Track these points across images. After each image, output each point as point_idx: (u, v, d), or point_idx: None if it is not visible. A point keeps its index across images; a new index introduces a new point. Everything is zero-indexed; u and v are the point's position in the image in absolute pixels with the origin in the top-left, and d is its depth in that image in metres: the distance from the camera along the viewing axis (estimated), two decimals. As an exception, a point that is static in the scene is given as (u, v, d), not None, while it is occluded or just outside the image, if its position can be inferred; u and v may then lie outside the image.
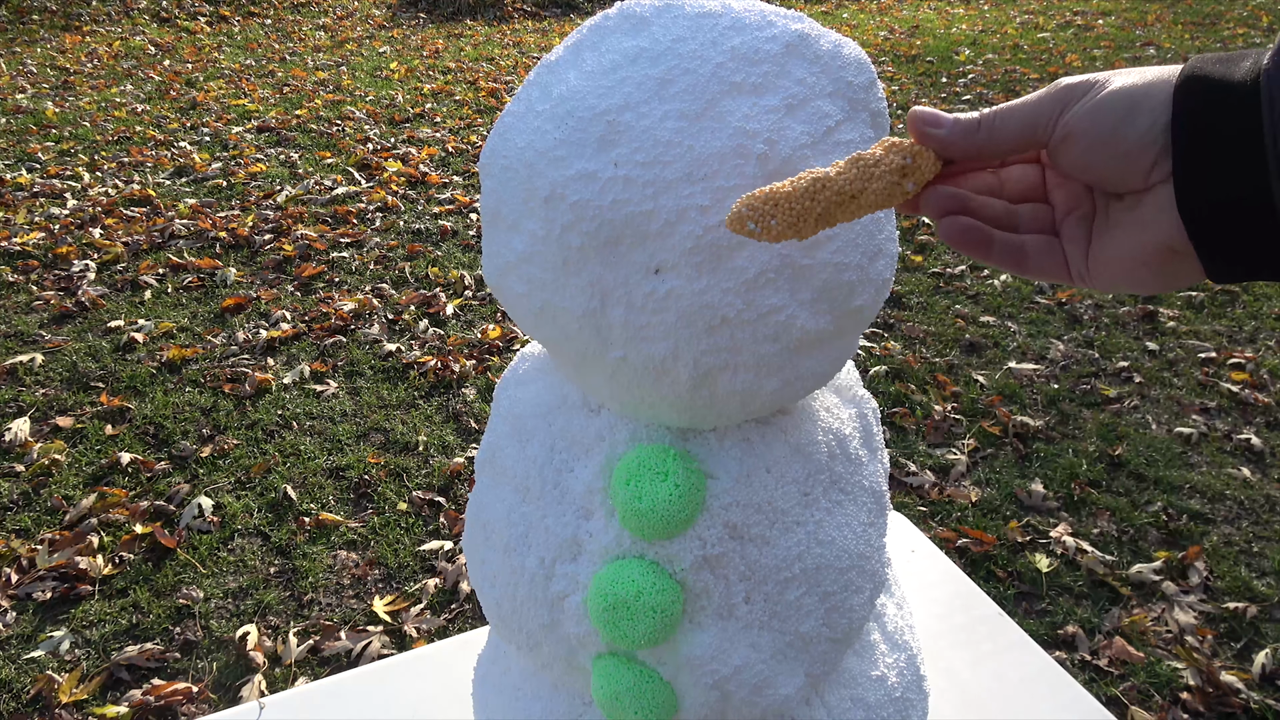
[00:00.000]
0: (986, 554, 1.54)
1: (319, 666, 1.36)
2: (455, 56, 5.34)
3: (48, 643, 1.38)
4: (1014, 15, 6.30)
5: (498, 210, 0.41)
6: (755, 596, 0.45)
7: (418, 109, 4.21)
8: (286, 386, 2.05)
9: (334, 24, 6.33)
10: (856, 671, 0.53)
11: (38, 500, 1.69)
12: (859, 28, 6.00)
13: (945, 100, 4.25)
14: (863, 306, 0.40)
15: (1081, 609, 1.43)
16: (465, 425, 1.92)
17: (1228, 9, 6.23)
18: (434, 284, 2.55)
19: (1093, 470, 1.75)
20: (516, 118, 0.40)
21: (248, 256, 2.72)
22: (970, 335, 2.25)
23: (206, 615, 1.44)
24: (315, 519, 1.64)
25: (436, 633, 1.42)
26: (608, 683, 0.46)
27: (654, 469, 0.43)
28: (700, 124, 0.36)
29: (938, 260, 2.66)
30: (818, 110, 0.38)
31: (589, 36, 0.40)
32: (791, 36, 0.38)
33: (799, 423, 0.47)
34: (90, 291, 2.43)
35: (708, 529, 0.44)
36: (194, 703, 1.29)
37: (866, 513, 0.49)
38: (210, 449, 1.83)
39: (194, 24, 6.05)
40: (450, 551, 1.57)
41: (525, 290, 0.41)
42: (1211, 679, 1.28)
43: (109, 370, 2.11)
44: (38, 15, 5.86)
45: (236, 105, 4.22)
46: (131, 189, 3.18)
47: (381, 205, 3.08)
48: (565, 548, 0.46)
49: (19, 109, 4.06)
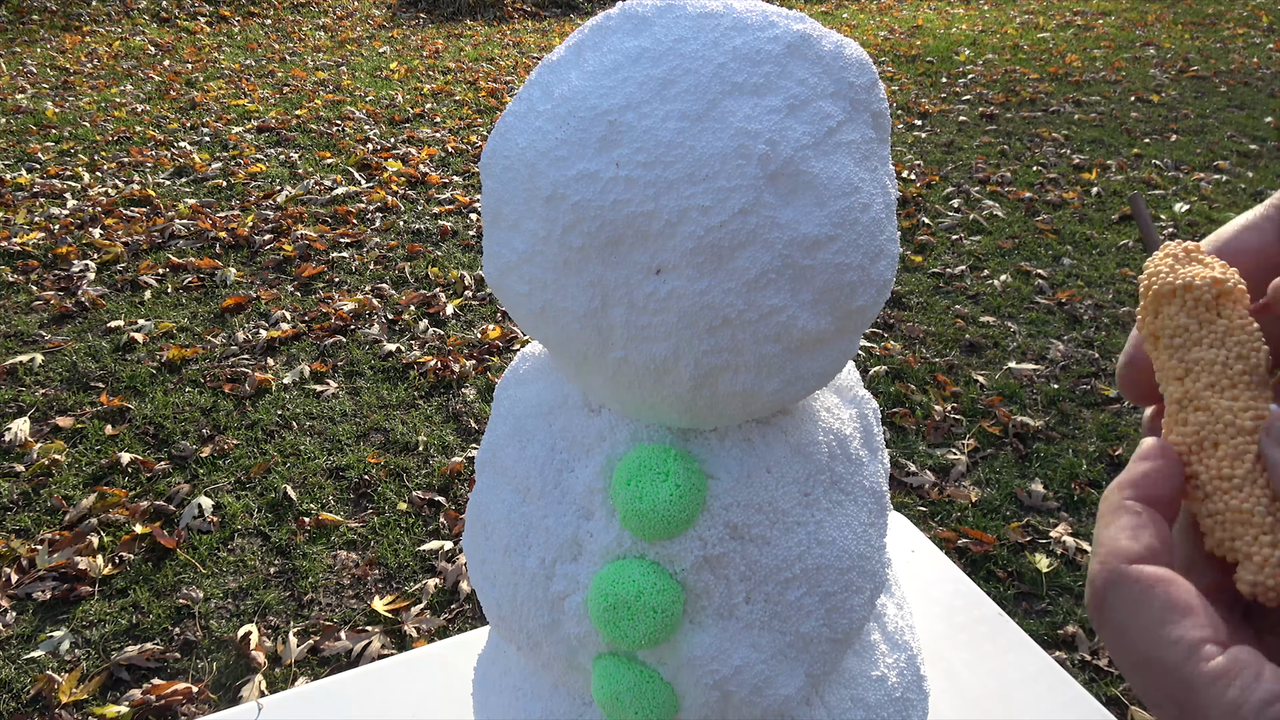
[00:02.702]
0: (986, 554, 1.54)
1: (319, 666, 1.36)
2: (455, 56, 5.34)
3: (48, 643, 1.38)
4: (1014, 15, 6.30)
5: (499, 210, 0.41)
6: (756, 597, 0.45)
7: (418, 109, 4.21)
8: (286, 386, 2.05)
9: (334, 24, 6.33)
10: (857, 671, 0.53)
11: (38, 500, 1.68)
12: (859, 28, 6.00)
13: (945, 100, 4.25)
14: (864, 307, 0.40)
15: (1081, 609, 1.43)
16: (465, 425, 1.92)
17: (1228, 9, 6.23)
18: (434, 284, 2.55)
19: (1093, 470, 1.75)
20: (518, 118, 0.41)
21: (248, 256, 2.72)
22: (970, 335, 2.25)
23: (206, 615, 1.44)
24: (315, 519, 1.64)
25: (436, 633, 1.42)
26: (608, 683, 0.46)
27: (655, 469, 0.43)
28: (702, 124, 0.36)
29: (938, 260, 2.66)
30: (819, 111, 0.38)
31: (590, 36, 0.40)
32: (793, 37, 0.38)
33: (800, 423, 0.47)
34: (90, 291, 2.43)
35: (708, 529, 0.44)
36: (194, 703, 1.29)
37: (867, 513, 0.49)
38: (210, 449, 1.83)
39: (194, 24, 6.05)
40: (450, 551, 1.57)
41: (526, 290, 0.41)
42: (1211, 679, 1.28)
43: (109, 370, 2.11)
44: (38, 15, 5.86)
45: (236, 105, 4.22)
46: (131, 189, 3.18)
47: (381, 205, 3.08)
48: (566, 548, 0.46)
49: (19, 109, 4.06)
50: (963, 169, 3.38)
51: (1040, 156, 3.48)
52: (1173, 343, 0.23)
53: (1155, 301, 0.24)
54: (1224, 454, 0.22)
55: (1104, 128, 3.80)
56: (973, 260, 2.64)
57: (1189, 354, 0.23)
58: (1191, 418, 0.23)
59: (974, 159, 3.46)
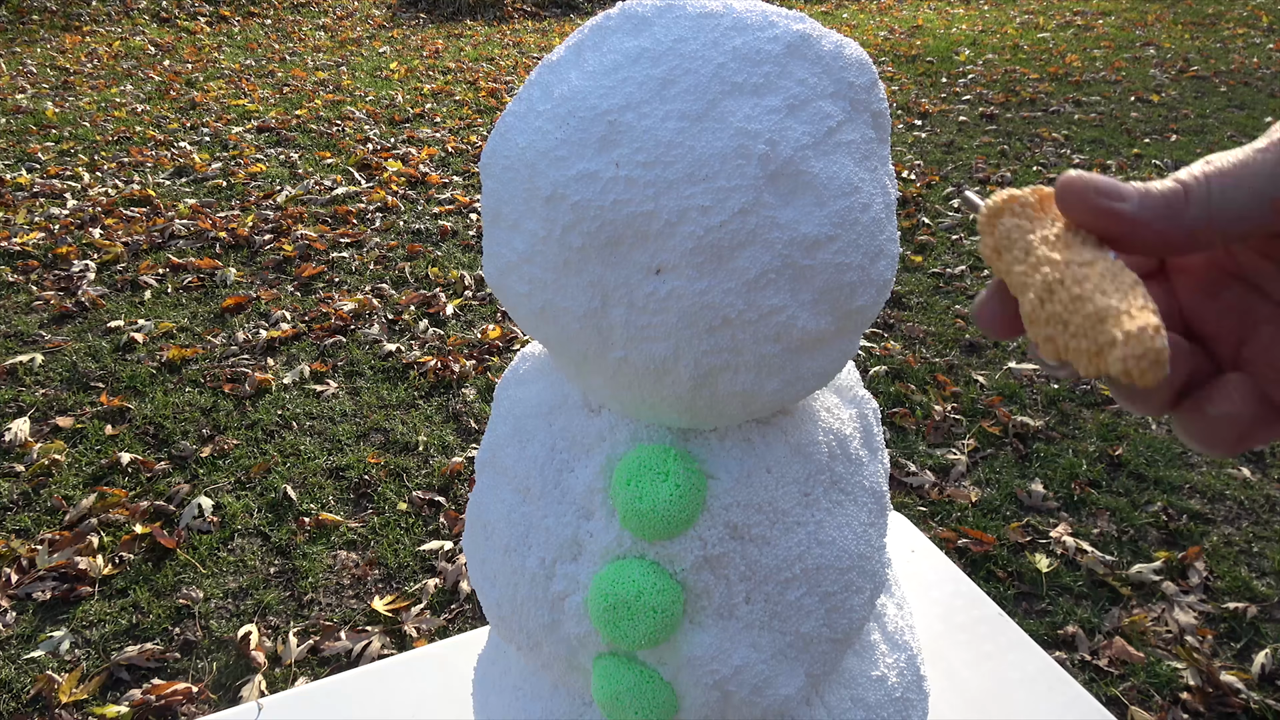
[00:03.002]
0: (986, 554, 1.54)
1: (319, 666, 1.36)
2: (455, 56, 5.34)
3: (48, 643, 1.38)
4: (1014, 15, 6.30)
5: (498, 210, 0.41)
6: (756, 597, 0.45)
7: (418, 109, 4.21)
8: (286, 386, 2.05)
9: (334, 24, 6.33)
10: (857, 671, 0.53)
11: (38, 500, 1.68)
12: (859, 28, 6.00)
13: (945, 100, 4.25)
14: (864, 307, 0.40)
15: (1081, 609, 1.43)
16: (465, 425, 1.92)
17: (1228, 9, 6.23)
18: (434, 284, 2.55)
19: (1093, 470, 1.75)
20: (517, 118, 0.41)
21: (248, 256, 2.72)
22: (970, 335, 2.25)
23: (206, 615, 1.44)
24: (315, 519, 1.64)
25: (436, 633, 1.42)
26: (608, 683, 0.46)
27: (655, 469, 0.43)
28: (702, 124, 0.36)
29: (938, 260, 2.66)
30: (819, 111, 0.38)
31: (590, 36, 0.40)
32: (793, 37, 0.38)
33: (799, 423, 0.47)
34: (90, 291, 2.43)
35: (708, 529, 0.44)
36: (194, 703, 1.29)
37: (867, 513, 0.49)
38: (210, 449, 1.83)
39: (194, 24, 6.05)
40: (450, 551, 1.57)
41: (526, 290, 0.41)
42: (1211, 679, 1.28)
43: (109, 370, 2.11)
44: (38, 15, 5.86)
45: (236, 105, 4.22)
46: (131, 189, 3.18)
47: (381, 205, 3.08)
48: (565, 548, 0.46)
49: (19, 109, 4.06)
50: (963, 169, 3.38)
51: (1040, 156, 3.48)
52: (1010, 240, 0.24)
53: (989, 223, 0.25)
54: (1071, 279, 0.22)
55: (1104, 128, 3.80)
56: (973, 260, 2.64)
57: (1026, 240, 0.24)
58: (1039, 272, 0.23)
59: (974, 159, 3.46)
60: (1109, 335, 0.21)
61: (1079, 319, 0.22)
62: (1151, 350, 0.20)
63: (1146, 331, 0.20)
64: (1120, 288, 0.21)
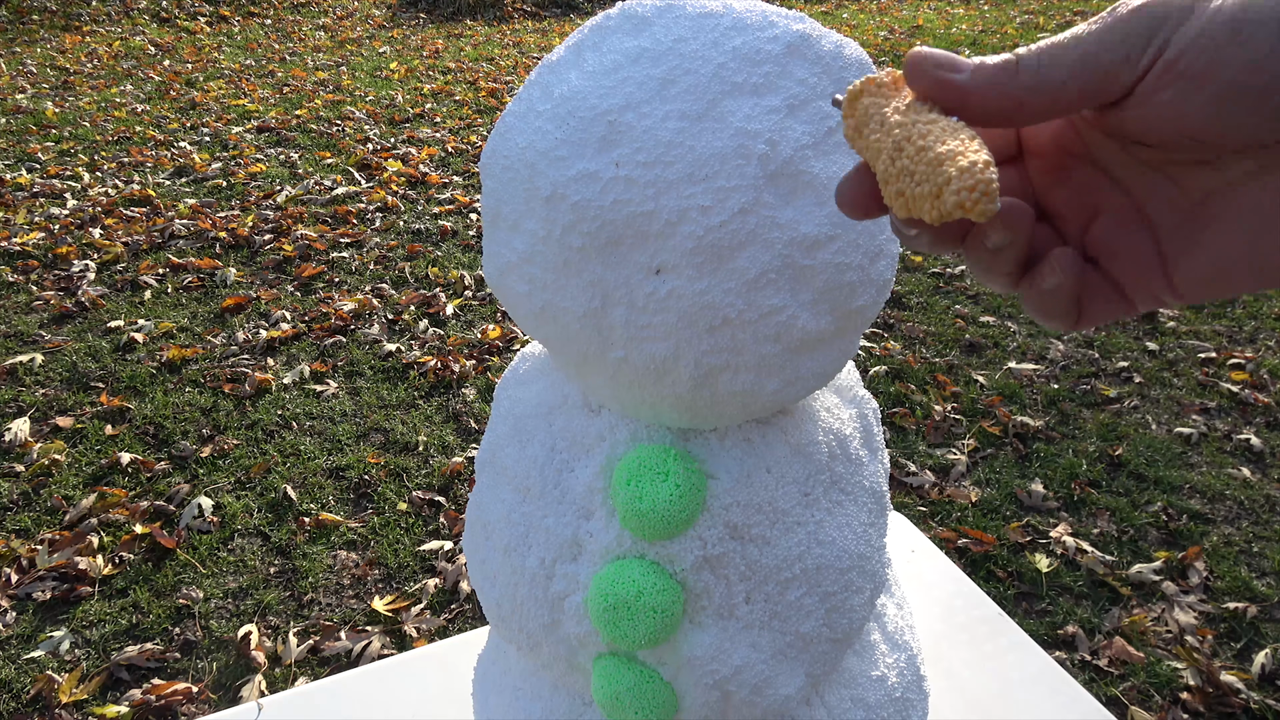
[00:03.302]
0: (986, 554, 1.54)
1: (319, 666, 1.36)
2: (455, 56, 5.34)
3: (48, 643, 1.38)
4: (1014, 15, 6.30)
5: (498, 210, 0.41)
6: (756, 597, 0.45)
7: (418, 109, 4.21)
8: (286, 386, 2.05)
9: (334, 24, 6.33)
10: (857, 671, 0.53)
11: (38, 500, 1.68)
12: (859, 28, 6.00)
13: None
14: (864, 307, 0.40)
15: (1081, 609, 1.43)
16: (465, 425, 1.92)
17: (1227, 9, 6.23)
18: (434, 284, 2.55)
19: (1093, 470, 1.75)
20: (517, 118, 0.41)
21: (248, 256, 2.72)
22: (970, 335, 2.25)
23: (206, 615, 1.44)
24: (315, 519, 1.64)
25: (436, 633, 1.42)
26: (608, 683, 0.46)
27: (655, 469, 0.43)
28: (702, 124, 0.36)
29: (938, 260, 2.66)
30: (819, 110, 0.38)
31: (590, 36, 0.40)
32: (793, 37, 0.38)
33: (799, 423, 0.47)
34: (90, 291, 2.43)
35: (708, 529, 0.44)
36: (194, 703, 1.29)
37: (867, 513, 0.49)
38: (210, 449, 1.83)
39: (194, 24, 6.05)
40: (450, 551, 1.57)
41: (526, 290, 0.41)
42: (1211, 679, 1.28)
43: (109, 370, 2.11)
44: (38, 15, 5.86)
45: (236, 105, 4.22)
46: (131, 189, 3.18)
47: (381, 205, 3.08)
48: (566, 548, 0.46)
49: (19, 109, 4.06)
50: (963, 169, 3.37)
51: (1040, 156, 3.48)
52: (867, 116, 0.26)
53: (851, 105, 0.26)
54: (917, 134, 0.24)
55: (1104, 128, 3.80)
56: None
57: (881, 113, 0.26)
58: (890, 136, 0.25)
59: (974, 159, 3.46)
60: (945, 175, 0.23)
61: (923, 167, 0.23)
62: (982, 181, 0.22)
63: (977, 166, 0.22)
64: (957, 136, 0.23)
